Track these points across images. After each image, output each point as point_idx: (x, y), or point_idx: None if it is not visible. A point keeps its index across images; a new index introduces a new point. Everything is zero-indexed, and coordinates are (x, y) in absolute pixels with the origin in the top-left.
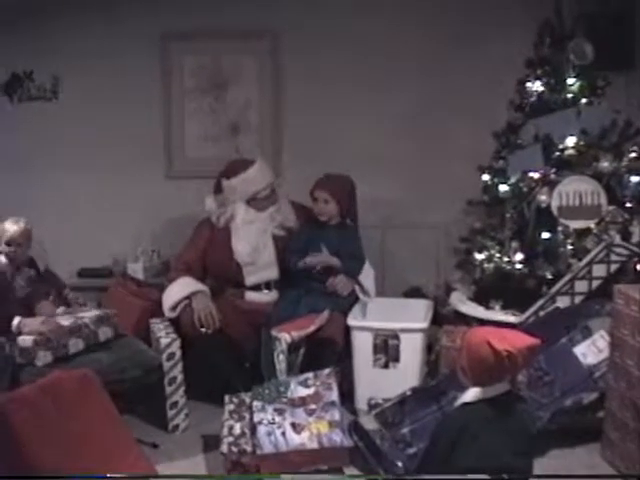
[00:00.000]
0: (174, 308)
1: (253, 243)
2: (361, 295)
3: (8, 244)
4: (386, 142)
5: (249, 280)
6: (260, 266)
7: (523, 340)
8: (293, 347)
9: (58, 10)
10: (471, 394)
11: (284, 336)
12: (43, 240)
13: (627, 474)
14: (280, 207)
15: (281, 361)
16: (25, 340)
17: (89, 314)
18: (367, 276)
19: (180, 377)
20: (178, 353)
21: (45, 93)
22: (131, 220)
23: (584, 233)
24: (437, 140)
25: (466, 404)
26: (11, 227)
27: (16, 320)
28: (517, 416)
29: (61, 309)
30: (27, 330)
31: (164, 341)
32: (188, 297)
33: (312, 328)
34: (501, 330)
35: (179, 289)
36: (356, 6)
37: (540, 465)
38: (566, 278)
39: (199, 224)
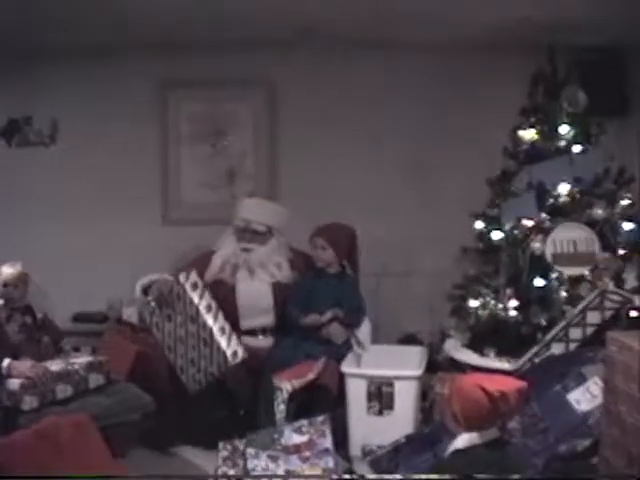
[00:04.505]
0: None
1: (253, 287)
2: (355, 347)
3: (4, 285)
4: (381, 190)
5: (244, 324)
6: (257, 311)
7: (513, 383)
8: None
9: (57, 56)
10: (463, 440)
11: (286, 385)
12: (41, 286)
13: (627, 474)
14: (275, 258)
15: (281, 410)
16: (12, 383)
17: (80, 360)
18: (363, 328)
19: None
20: None
21: (43, 138)
22: (127, 265)
23: (578, 280)
24: (431, 188)
25: (458, 451)
26: (7, 270)
27: (5, 362)
28: (508, 461)
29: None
30: (15, 373)
31: None
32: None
33: (311, 376)
34: (490, 375)
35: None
36: (353, 55)
37: None
38: (560, 325)
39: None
